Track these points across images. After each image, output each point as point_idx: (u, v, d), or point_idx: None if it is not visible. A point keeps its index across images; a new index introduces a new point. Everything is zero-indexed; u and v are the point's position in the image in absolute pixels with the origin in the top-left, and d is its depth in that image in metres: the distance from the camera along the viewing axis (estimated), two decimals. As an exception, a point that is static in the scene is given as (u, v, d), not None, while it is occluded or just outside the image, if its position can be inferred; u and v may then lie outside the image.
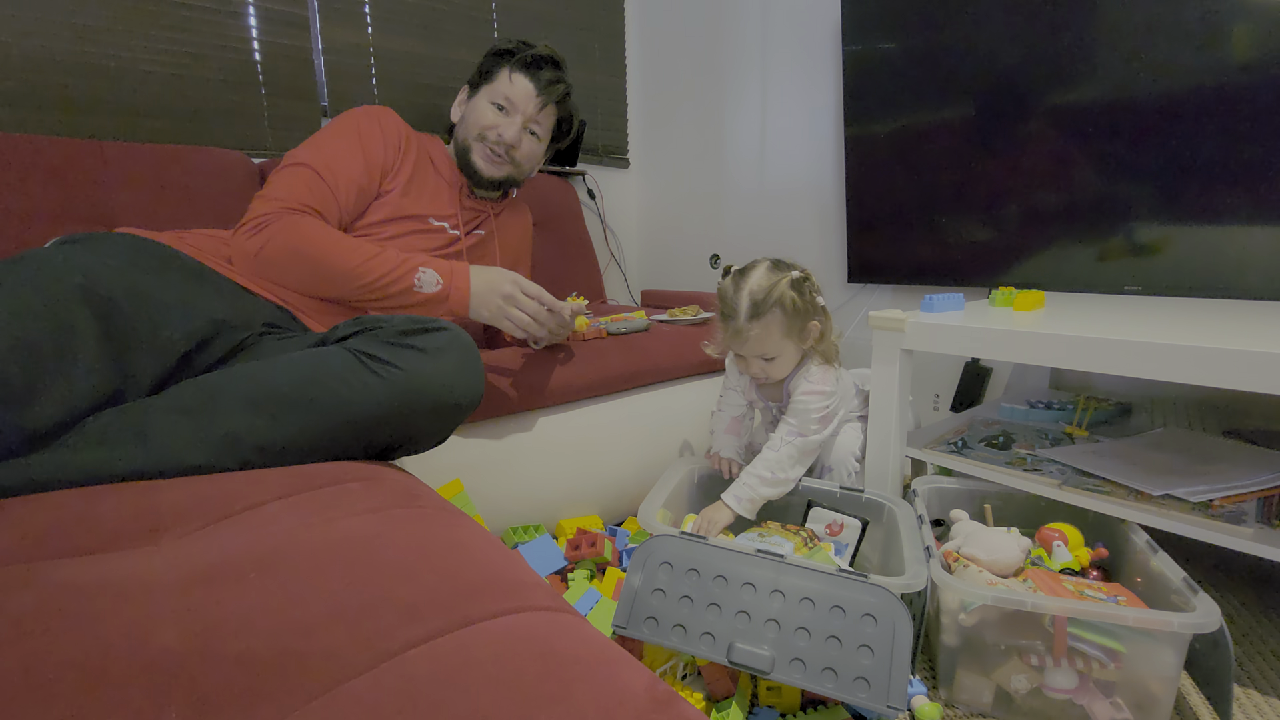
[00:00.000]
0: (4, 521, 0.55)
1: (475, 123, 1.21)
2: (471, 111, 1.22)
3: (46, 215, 1.15)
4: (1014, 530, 0.93)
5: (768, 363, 1.09)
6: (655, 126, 2.28)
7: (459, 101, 1.27)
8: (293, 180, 1.03)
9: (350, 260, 0.99)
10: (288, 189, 1.02)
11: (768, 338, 1.06)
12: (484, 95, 1.21)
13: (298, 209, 1.00)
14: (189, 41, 1.42)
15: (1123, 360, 0.83)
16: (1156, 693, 0.74)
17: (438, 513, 0.59)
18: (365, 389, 0.73)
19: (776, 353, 1.08)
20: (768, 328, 1.05)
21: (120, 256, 0.81)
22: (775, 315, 1.05)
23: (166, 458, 0.66)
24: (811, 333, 1.09)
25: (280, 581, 0.44)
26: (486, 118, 1.20)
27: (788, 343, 1.08)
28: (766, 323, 1.05)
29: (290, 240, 0.97)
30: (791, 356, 1.10)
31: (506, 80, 1.20)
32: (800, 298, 1.06)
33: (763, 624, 0.73)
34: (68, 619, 0.40)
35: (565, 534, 1.17)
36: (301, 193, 1.02)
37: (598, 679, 0.37)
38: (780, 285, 1.04)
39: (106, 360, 0.69)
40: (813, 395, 1.09)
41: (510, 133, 1.20)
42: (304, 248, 0.98)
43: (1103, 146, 1.28)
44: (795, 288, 1.05)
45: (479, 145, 1.21)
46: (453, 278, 1.02)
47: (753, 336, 1.06)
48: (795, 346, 1.09)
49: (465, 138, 1.22)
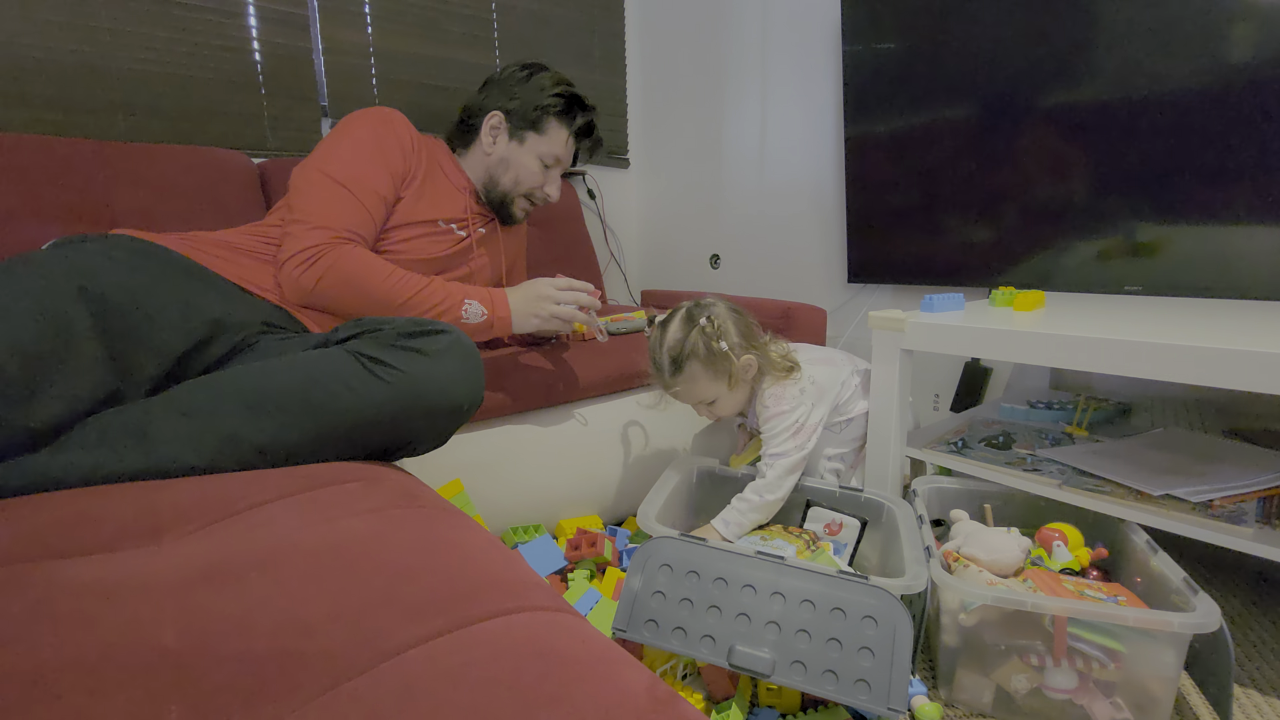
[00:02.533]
0: (4, 521, 0.55)
1: (525, 180, 1.22)
2: (520, 167, 1.21)
3: (46, 215, 1.15)
4: (1014, 530, 0.93)
5: (710, 405, 1.11)
6: (655, 126, 2.28)
7: (496, 129, 1.21)
8: (330, 201, 1.02)
9: (403, 293, 1.00)
10: (328, 213, 1.01)
11: (695, 388, 1.08)
12: (532, 149, 1.20)
13: (345, 238, 1.00)
14: (189, 41, 1.42)
15: (1123, 360, 0.83)
16: (1156, 693, 0.74)
17: (438, 513, 0.59)
18: (366, 391, 0.73)
19: (712, 397, 1.10)
20: (692, 380, 1.07)
21: (118, 258, 0.81)
22: (694, 367, 1.06)
23: (166, 459, 0.66)
24: (743, 371, 1.08)
25: (280, 581, 0.44)
26: (536, 177, 1.22)
27: (717, 385, 1.08)
28: (689, 375, 1.06)
29: (344, 273, 0.98)
30: (733, 395, 1.10)
31: (562, 143, 1.22)
32: (711, 341, 1.05)
33: (763, 626, 0.73)
34: (68, 619, 0.40)
35: (565, 534, 1.17)
36: (344, 218, 1.02)
37: (598, 679, 0.37)
38: (692, 337, 1.05)
39: (105, 361, 0.69)
40: (775, 419, 1.09)
41: (555, 192, 1.25)
42: (358, 281, 0.99)
43: (1103, 146, 1.28)
44: (701, 335, 1.05)
45: (523, 201, 1.24)
46: (494, 307, 1.06)
47: (680, 390, 1.09)
48: (730, 387, 1.08)
49: (510, 191, 1.22)
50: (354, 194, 1.04)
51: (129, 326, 0.72)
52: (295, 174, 1.08)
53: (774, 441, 1.09)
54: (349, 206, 1.03)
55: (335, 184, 1.03)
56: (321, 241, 0.98)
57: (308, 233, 0.99)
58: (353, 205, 1.03)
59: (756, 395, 1.14)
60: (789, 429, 1.08)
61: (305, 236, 0.98)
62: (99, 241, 0.85)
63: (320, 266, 0.97)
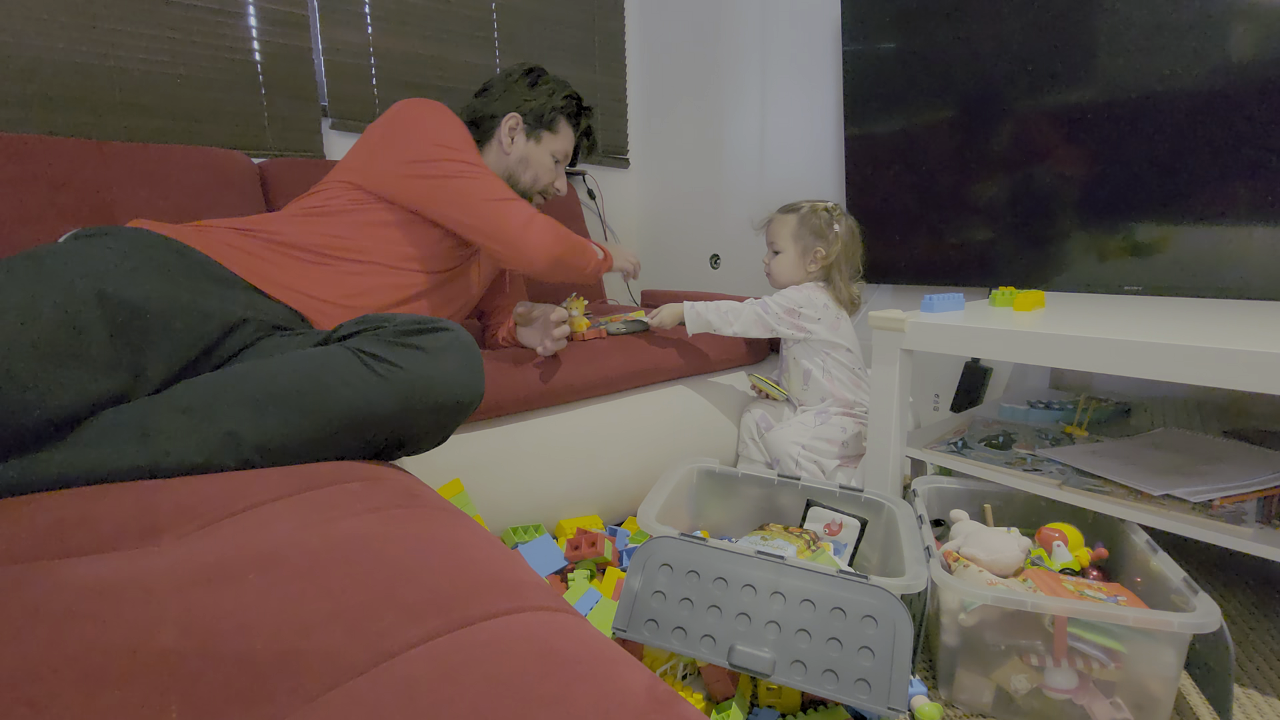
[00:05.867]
0: (4, 521, 0.55)
1: (543, 177, 1.28)
2: (538, 165, 1.27)
3: (47, 216, 1.15)
4: (1014, 530, 0.92)
5: (774, 256, 1.40)
6: (655, 126, 2.28)
7: (514, 129, 1.24)
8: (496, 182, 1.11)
9: (577, 241, 1.17)
10: (499, 188, 1.11)
11: (782, 231, 1.38)
12: (547, 147, 1.27)
13: None
14: (189, 41, 1.42)
15: (1123, 360, 0.83)
16: (1156, 693, 0.74)
17: (438, 513, 0.59)
18: (367, 388, 0.73)
19: (781, 248, 1.38)
20: (783, 223, 1.39)
21: (133, 255, 0.80)
22: (791, 217, 1.38)
23: (167, 456, 0.66)
24: (814, 254, 1.36)
25: (280, 581, 0.44)
26: (551, 173, 1.29)
27: (791, 244, 1.37)
28: (784, 219, 1.39)
29: (559, 233, 1.13)
30: (791, 265, 1.38)
31: (570, 141, 1.30)
32: (821, 218, 1.35)
33: (763, 626, 0.73)
34: (68, 619, 0.40)
35: (565, 534, 1.17)
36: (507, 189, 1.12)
37: (597, 679, 0.37)
38: (817, 206, 1.38)
39: (115, 360, 0.69)
40: (793, 288, 1.37)
41: (564, 185, 1.33)
42: (565, 237, 1.14)
43: (1103, 146, 1.28)
44: (824, 210, 1.36)
45: (539, 197, 1.31)
46: (605, 254, 1.29)
47: (772, 225, 1.41)
48: (796, 255, 1.37)
49: (530, 187, 1.28)
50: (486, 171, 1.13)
51: (141, 327, 0.72)
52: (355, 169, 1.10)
53: (772, 297, 1.36)
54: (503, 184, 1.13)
55: (480, 170, 1.11)
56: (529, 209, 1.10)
57: (513, 205, 1.09)
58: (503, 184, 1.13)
59: None
60: (787, 301, 1.34)
61: (516, 209, 1.09)
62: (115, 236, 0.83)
63: (550, 230, 1.11)
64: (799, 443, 1.29)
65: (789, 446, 1.29)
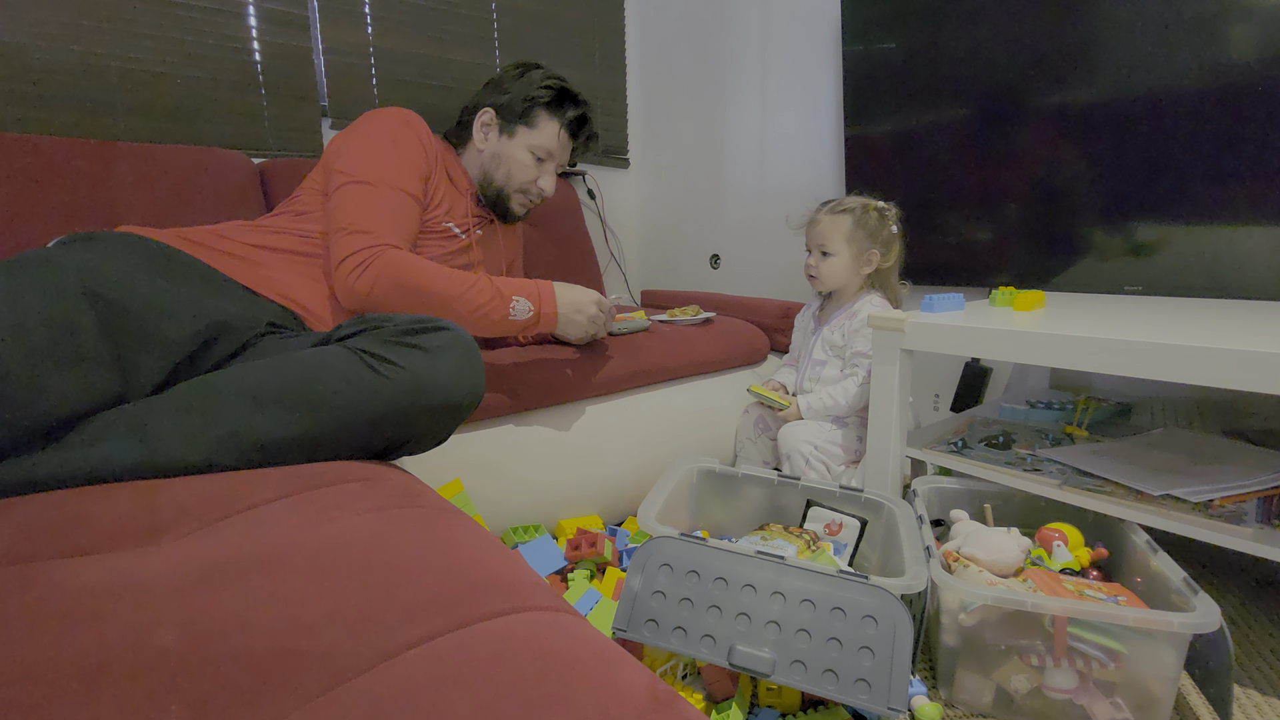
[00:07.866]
0: (4, 521, 0.55)
1: (518, 176, 1.22)
2: (511, 161, 1.22)
3: (47, 215, 1.15)
4: (1014, 530, 0.92)
5: (823, 258, 1.29)
6: (655, 126, 2.28)
7: (487, 125, 1.22)
8: (373, 207, 1.03)
9: (452, 291, 1.01)
10: (372, 218, 1.02)
11: (833, 232, 1.27)
12: (523, 141, 1.21)
13: (389, 243, 1.01)
14: (189, 41, 1.42)
15: (1123, 360, 0.83)
16: (1156, 693, 0.74)
17: (438, 513, 0.59)
18: (367, 388, 0.73)
19: (833, 251, 1.28)
20: (835, 224, 1.27)
21: (124, 257, 0.81)
22: (845, 218, 1.26)
23: (167, 456, 0.66)
24: (869, 258, 1.28)
25: (280, 581, 0.44)
26: (529, 171, 1.22)
27: (845, 247, 1.27)
28: (836, 220, 1.27)
29: (395, 277, 0.99)
30: (842, 268, 1.28)
31: (553, 136, 1.22)
32: (876, 218, 1.26)
33: (763, 626, 0.73)
34: (68, 619, 0.40)
35: (565, 534, 1.17)
36: (385, 222, 1.03)
37: (598, 679, 0.37)
38: (869, 207, 1.26)
39: (109, 361, 0.69)
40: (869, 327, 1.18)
41: (550, 185, 1.25)
42: (409, 284, 1.00)
43: (1103, 146, 1.28)
44: (877, 211, 1.26)
45: (519, 196, 1.25)
46: (541, 303, 1.08)
47: (821, 225, 1.28)
48: (850, 258, 1.27)
49: (505, 188, 1.23)
50: (391, 198, 1.05)
51: (134, 327, 0.72)
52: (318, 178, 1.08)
53: (859, 340, 1.25)
54: (392, 213, 1.04)
55: (370, 188, 1.04)
56: (366, 246, 0.99)
57: (352, 238, 1.00)
58: (395, 211, 1.05)
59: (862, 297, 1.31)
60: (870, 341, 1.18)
61: (350, 242, 1.00)
62: (104, 240, 0.85)
63: (372, 273, 0.98)
64: (812, 442, 1.26)
65: (801, 445, 1.26)
